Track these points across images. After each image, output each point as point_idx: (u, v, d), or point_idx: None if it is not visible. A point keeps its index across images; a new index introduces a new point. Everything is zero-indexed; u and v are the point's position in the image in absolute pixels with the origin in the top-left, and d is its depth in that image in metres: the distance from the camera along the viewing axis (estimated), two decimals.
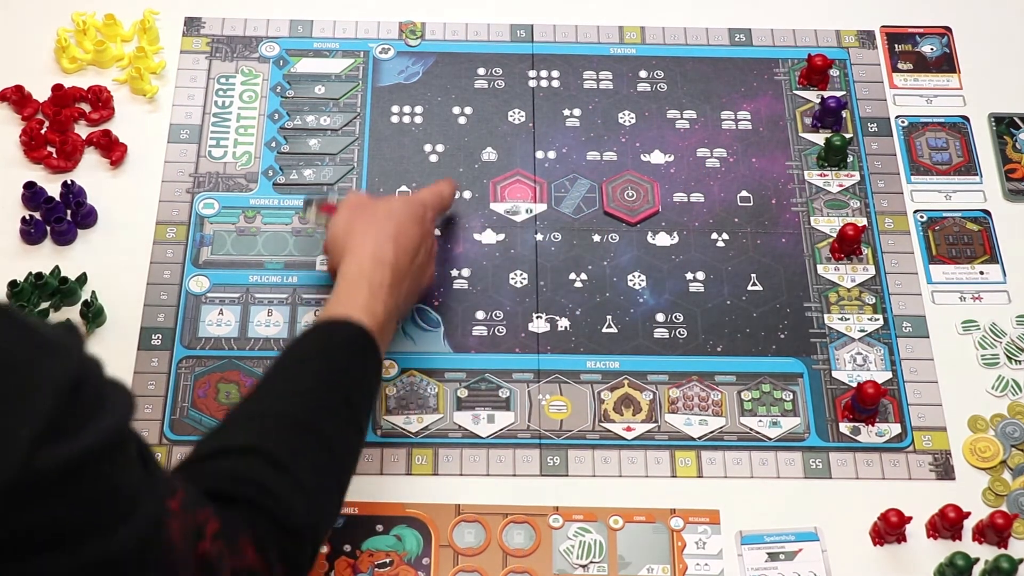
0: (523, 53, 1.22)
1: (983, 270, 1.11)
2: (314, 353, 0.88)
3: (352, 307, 0.90)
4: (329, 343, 0.89)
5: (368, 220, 0.97)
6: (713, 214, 1.13)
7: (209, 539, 0.69)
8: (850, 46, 1.24)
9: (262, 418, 0.82)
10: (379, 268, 0.93)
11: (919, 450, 1.02)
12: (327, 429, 0.83)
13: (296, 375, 0.86)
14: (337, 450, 0.84)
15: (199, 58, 1.20)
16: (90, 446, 0.57)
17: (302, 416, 0.83)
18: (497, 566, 0.96)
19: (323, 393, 0.85)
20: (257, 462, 0.78)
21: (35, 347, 0.57)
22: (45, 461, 0.54)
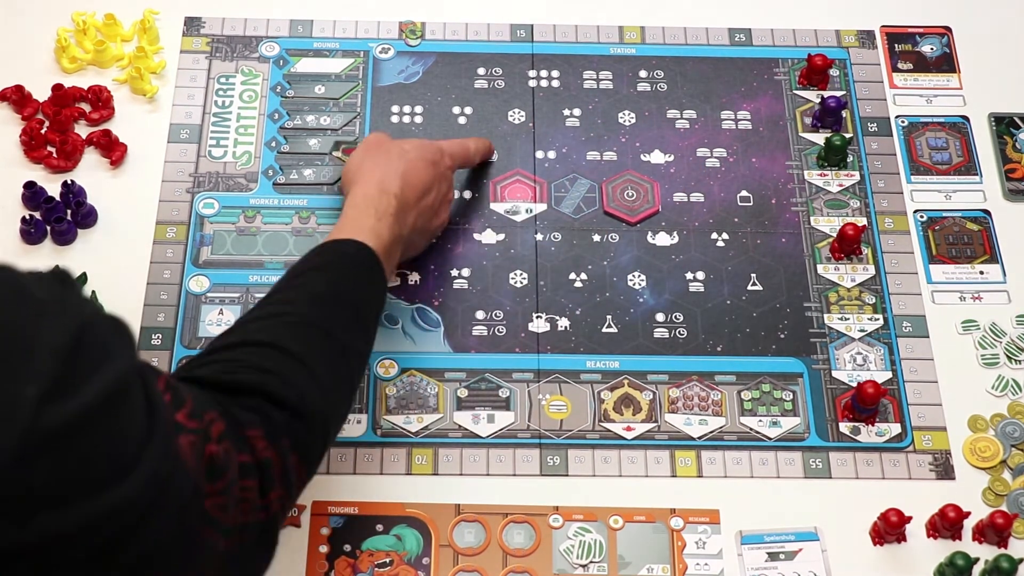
0: (523, 53, 1.22)
1: (983, 270, 1.11)
2: (322, 266, 0.91)
3: (358, 230, 0.94)
4: (337, 258, 0.92)
5: (380, 156, 1.01)
6: (713, 214, 1.13)
7: (215, 441, 0.69)
8: (850, 46, 1.24)
9: (274, 318, 0.85)
10: (384, 196, 0.97)
11: (919, 450, 1.02)
12: (337, 331, 0.86)
13: (306, 284, 0.89)
14: (347, 352, 0.86)
15: (199, 58, 1.20)
16: (93, 400, 0.57)
17: (313, 317, 0.85)
18: (497, 566, 0.96)
19: (332, 300, 0.88)
20: (270, 352, 0.80)
21: (32, 310, 0.57)
22: (51, 419, 0.55)
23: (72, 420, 0.56)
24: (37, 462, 0.55)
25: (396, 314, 1.07)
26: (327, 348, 0.84)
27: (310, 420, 0.79)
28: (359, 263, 0.92)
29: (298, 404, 0.78)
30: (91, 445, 0.58)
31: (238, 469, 0.71)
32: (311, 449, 0.80)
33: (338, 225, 0.96)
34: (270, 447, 0.74)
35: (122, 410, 0.60)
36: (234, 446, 0.71)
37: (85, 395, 0.57)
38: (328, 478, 0.99)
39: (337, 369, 0.84)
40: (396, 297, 1.08)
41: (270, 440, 0.74)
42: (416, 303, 1.07)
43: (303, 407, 0.78)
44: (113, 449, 0.59)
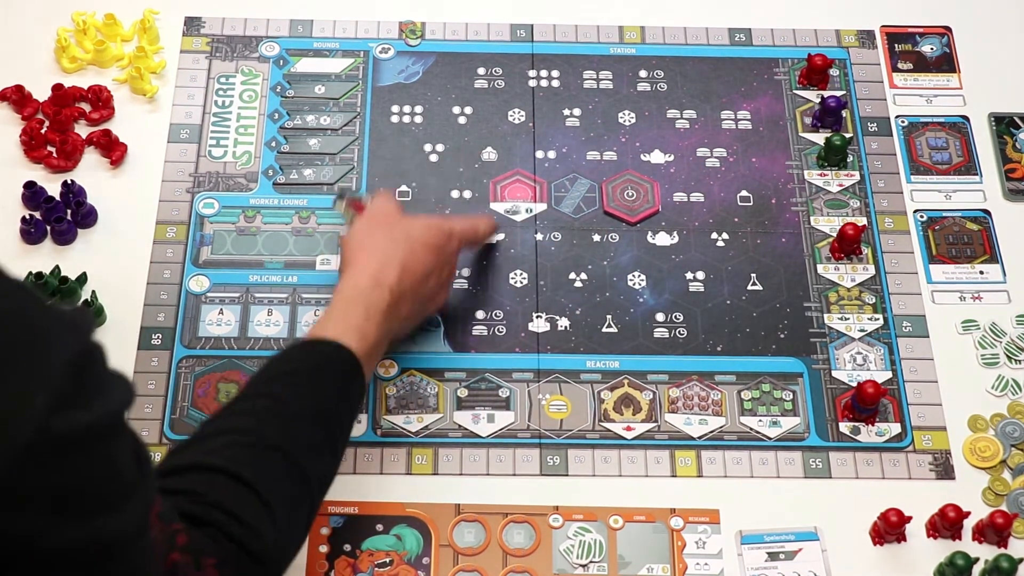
0: (523, 53, 1.22)
1: (983, 270, 1.11)
2: (298, 372, 0.87)
3: (343, 329, 0.90)
4: (314, 364, 0.88)
5: (382, 236, 0.96)
6: (713, 214, 1.13)
7: (178, 551, 0.69)
8: (850, 46, 1.24)
9: (239, 435, 0.81)
10: (377, 290, 0.93)
11: (919, 450, 1.02)
12: (302, 456, 0.82)
13: (278, 394, 0.85)
14: (310, 478, 0.83)
15: (199, 58, 1.20)
16: (98, 421, 0.58)
17: (278, 440, 0.82)
18: (497, 566, 0.96)
19: (302, 417, 0.84)
20: (229, 484, 0.77)
21: (52, 318, 0.58)
22: (59, 426, 0.56)
23: (80, 432, 0.57)
24: (44, 462, 0.55)
25: None
26: (288, 480, 0.81)
27: (263, 563, 0.77)
28: (337, 370, 0.88)
29: (252, 548, 0.75)
30: (92, 464, 0.58)
31: None
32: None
33: (324, 317, 0.92)
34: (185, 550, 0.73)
35: (119, 444, 0.61)
36: (193, 564, 0.71)
37: (93, 412, 0.58)
38: None
39: (297, 503, 0.81)
40: None
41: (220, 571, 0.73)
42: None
43: (256, 551, 0.76)
44: (109, 478, 0.60)
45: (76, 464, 0.57)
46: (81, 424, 0.57)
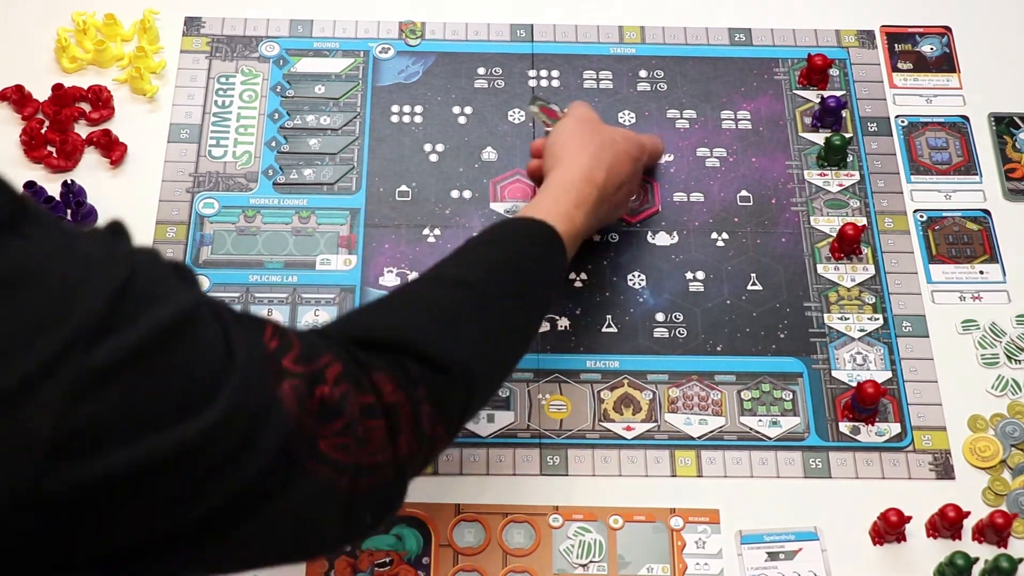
0: (523, 53, 1.22)
1: (983, 270, 1.11)
2: (502, 238, 0.90)
3: (553, 212, 0.93)
4: (519, 233, 0.91)
5: (590, 139, 1.00)
6: (713, 214, 1.14)
7: (330, 383, 0.68)
8: (850, 46, 1.24)
9: (435, 279, 0.84)
10: (587, 186, 0.96)
11: (919, 450, 1.02)
12: (498, 297, 0.84)
13: (477, 251, 0.88)
14: (505, 318, 0.84)
15: (199, 58, 1.20)
16: (145, 337, 0.58)
17: (474, 280, 0.84)
18: (497, 566, 0.96)
19: (500, 269, 0.87)
20: (416, 305, 0.80)
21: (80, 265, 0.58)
22: (100, 357, 0.56)
23: (122, 358, 0.57)
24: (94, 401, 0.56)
25: None
26: (483, 310, 0.83)
27: (451, 375, 0.76)
28: (541, 240, 0.91)
29: (436, 358, 0.76)
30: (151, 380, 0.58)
31: (359, 409, 0.70)
32: (450, 404, 0.78)
33: (534, 201, 0.95)
34: (399, 391, 0.73)
35: (184, 346, 0.60)
36: (354, 387, 0.70)
37: (133, 334, 0.57)
38: None
39: (492, 332, 0.83)
40: None
41: (400, 385, 0.73)
42: None
43: (442, 362, 0.76)
44: (180, 384, 0.60)
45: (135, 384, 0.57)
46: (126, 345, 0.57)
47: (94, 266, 0.59)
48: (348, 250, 1.10)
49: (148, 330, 0.58)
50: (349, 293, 1.08)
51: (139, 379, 0.58)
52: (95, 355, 0.56)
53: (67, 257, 0.58)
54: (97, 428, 0.56)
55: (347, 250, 1.10)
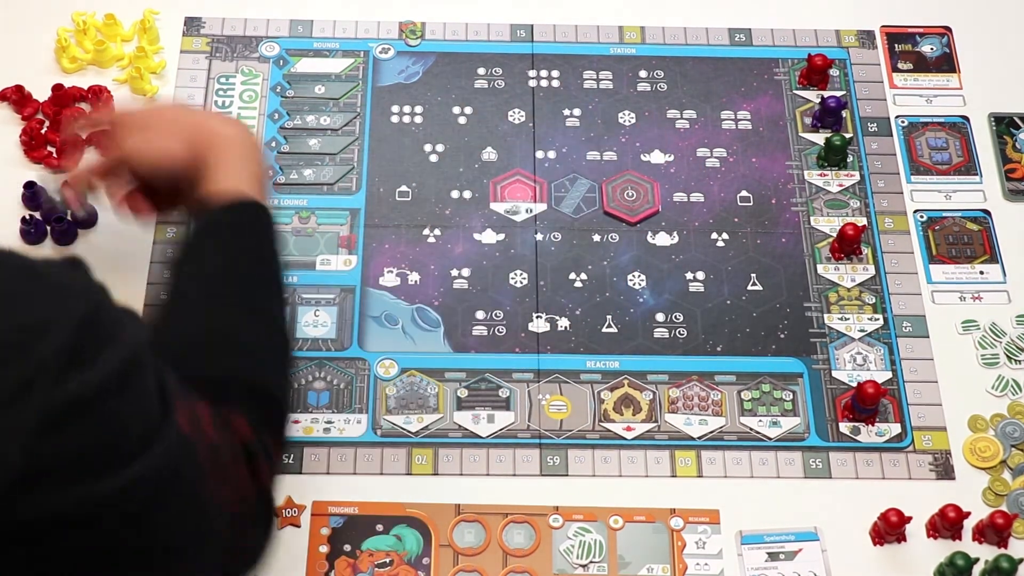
0: (523, 53, 1.22)
1: (983, 270, 1.11)
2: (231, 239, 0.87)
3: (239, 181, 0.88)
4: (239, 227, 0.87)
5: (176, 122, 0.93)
6: (713, 214, 1.13)
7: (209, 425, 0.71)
8: (850, 46, 1.24)
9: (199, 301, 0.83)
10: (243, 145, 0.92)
11: (919, 450, 1.02)
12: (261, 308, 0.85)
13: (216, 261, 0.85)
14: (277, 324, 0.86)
15: (199, 58, 1.20)
16: (110, 372, 0.59)
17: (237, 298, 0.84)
18: (497, 566, 0.96)
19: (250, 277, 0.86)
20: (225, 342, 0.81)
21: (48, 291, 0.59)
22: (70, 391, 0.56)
23: (90, 391, 0.57)
24: (60, 434, 0.56)
25: (396, 314, 1.07)
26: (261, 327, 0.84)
27: (279, 403, 0.81)
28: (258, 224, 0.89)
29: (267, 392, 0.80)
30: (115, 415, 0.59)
31: (231, 454, 0.73)
32: (283, 427, 0.82)
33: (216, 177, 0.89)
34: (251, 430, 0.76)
35: (137, 384, 0.62)
36: (222, 429, 0.73)
37: (101, 368, 0.58)
38: (328, 478, 0.99)
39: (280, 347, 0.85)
40: (396, 297, 1.08)
41: (251, 426, 0.76)
42: (416, 303, 1.07)
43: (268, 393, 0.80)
44: (133, 422, 0.61)
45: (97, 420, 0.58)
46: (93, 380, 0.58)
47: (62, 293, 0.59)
48: (348, 250, 1.10)
49: (115, 364, 0.59)
50: (349, 293, 1.08)
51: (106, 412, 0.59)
52: (67, 385, 0.56)
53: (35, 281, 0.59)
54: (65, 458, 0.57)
55: (347, 250, 1.10)
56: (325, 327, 1.06)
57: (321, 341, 1.05)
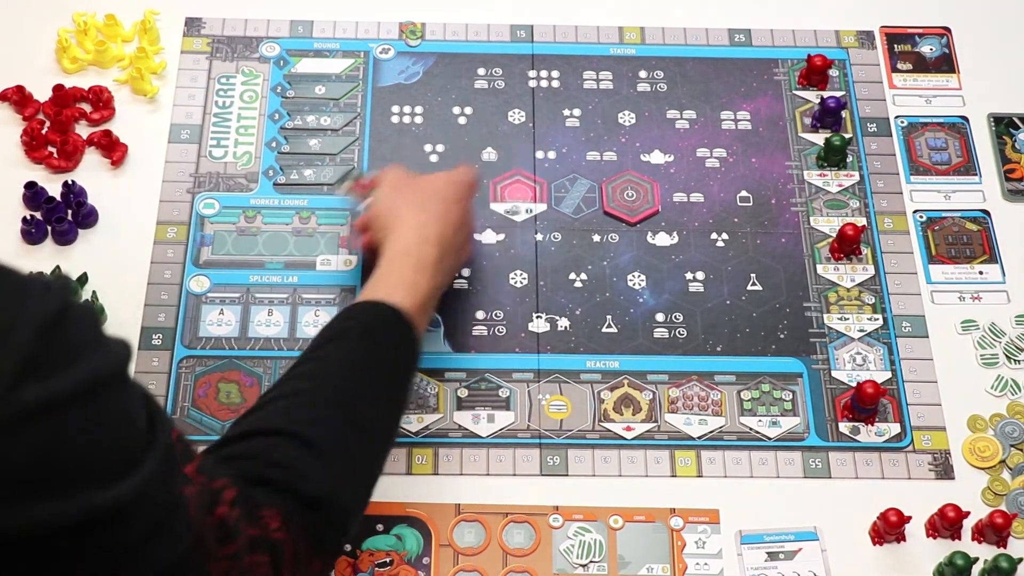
0: (523, 53, 1.22)
1: (982, 270, 1.11)
2: (348, 333, 0.88)
3: (393, 287, 0.91)
4: (365, 326, 0.88)
5: (413, 197, 0.98)
6: (713, 214, 1.14)
7: (227, 504, 0.68)
8: (850, 46, 1.24)
9: (294, 397, 0.81)
10: (425, 246, 0.94)
11: (918, 450, 1.02)
12: (359, 408, 0.83)
13: (330, 356, 0.86)
14: (368, 429, 0.83)
15: (199, 58, 1.20)
16: (77, 384, 0.55)
17: (333, 395, 0.82)
18: (497, 566, 0.96)
19: (356, 374, 0.85)
20: (283, 442, 0.77)
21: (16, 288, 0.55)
22: (29, 396, 0.53)
23: (53, 401, 0.54)
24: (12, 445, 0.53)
25: None
26: (347, 432, 0.81)
27: (320, 508, 0.76)
28: (388, 328, 0.88)
29: (307, 493, 0.75)
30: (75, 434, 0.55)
31: (247, 540, 0.69)
32: (326, 539, 0.77)
33: (373, 280, 0.92)
34: (283, 529, 0.72)
35: (112, 410, 0.58)
36: (245, 516, 0.69)
37: (65, 378, 0.55)
38: None
39: (358, 454, 0.81)
40: None
41: (283, 523, 0.72)
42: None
43: (312, 496, 0.75)
44: (101, 445, 0.57)
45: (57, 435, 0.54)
46: (57, 390, 0.54)
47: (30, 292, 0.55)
48: (348, 250, 1.10)
49: (81, 378, 0.55)
50: (349, 293, 1.08)
51: (63, 429, 0.54)
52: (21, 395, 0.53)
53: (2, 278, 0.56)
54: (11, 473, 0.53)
55: (347, 250, 1.10)
56: None
57: None
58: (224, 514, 0.67)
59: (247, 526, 0.69)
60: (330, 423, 0.80)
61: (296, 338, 1.05)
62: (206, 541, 0.65)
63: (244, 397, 1.03)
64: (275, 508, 0.72)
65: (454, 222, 0.97)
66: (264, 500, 0.72)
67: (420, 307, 0.91)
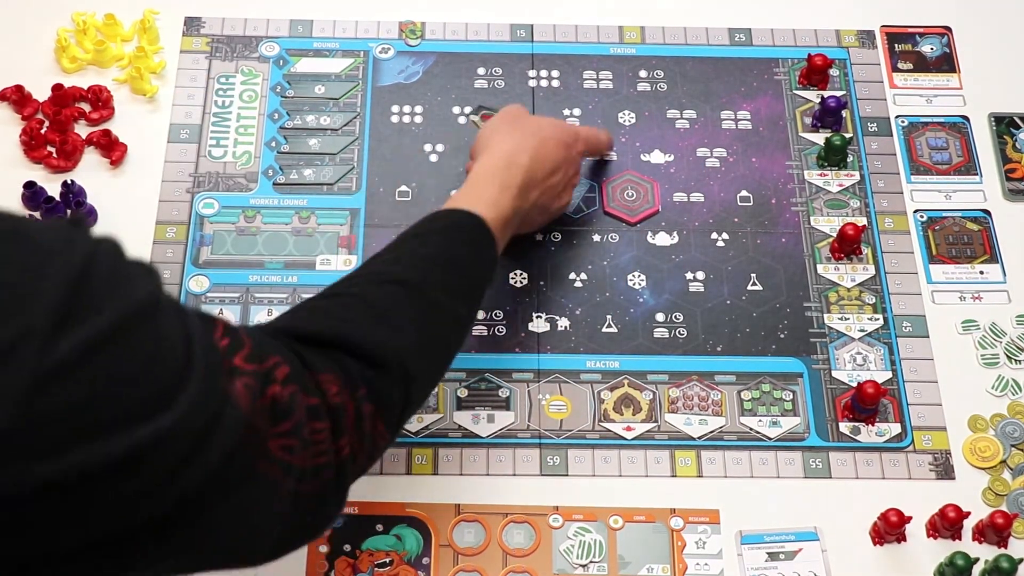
0: (523, 53, 1.22)
1: (983, 270, 1.11)
2: (430, 231, 0.90)
3: (479, 200, 0.93)
4: (446, 226, 0.91)
5: (515, 128, 1.01)
6: (713, 214, 1.14)
7: (279, 383, 0.68)
8: (850, 46, 1.24)
9: (370, 275, 0.85)
10: (512, 169, 0.97)
11: (919, 450, 1.02)
12: (432, 291, 0.85)
13: (409, 246, 0.88)
14: (441, 311, 0.85)
15: (199, 58, 1.20)
16: (108, 326, 0.56)
17: (409, 276, 0.84)
18: (497, 566, 0.96)
19: (433, 263, 0.87)
20: (356, 304, 0.80)
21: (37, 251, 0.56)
22: (63, 349, 0.54)
23: (86, 349, 0.55)
24: (55, 396, 0.53)
25: None
26: (418, 306, 0.83)
27: (388, 371, 0.77)
28: (470, 232, 0.91)
29: (375, 354, 0.76)
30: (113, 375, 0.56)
31: (305, 411, 0.70)
32: (389, 401, 0.78)
33: (459, 192, 0.96)
34: (343, 392, 0.73)
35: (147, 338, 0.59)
36: (301, 389, 0.70)
37: (96, 323, 0.56)
38: None
39: (427, 327, 0.83)
40: None
41: (344, 386, 0.73)
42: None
43: (380, 357, 0.77)
44: (141, 380, 0.58)
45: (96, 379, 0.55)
46: (88, 337, 0.55)
47: (53, 253, 0.56)
48: (348, 250, 1.10)
49: (112, 320, 0.56)
50: None
51: (101, 372, 0.55)
52: (57, 346, 0.54)
53: (21, 243, 0.56)
54: (56, 423, 0.54)
55: (347, 250, 1.10)
56: None
57: None
58: (276, 393, 0.67)
59: (304, 397, 0.70)
60: (400, 295, 0.82)
61: None
62: (258, 425, 0.65)
63: None
64: (334, 372, 0.73)
65: (548, 158, 1.00)
66: (322, 364, 0.73)
67: (501, 223, 0.94)
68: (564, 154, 1.02)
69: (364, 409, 0.75)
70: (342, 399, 0.73)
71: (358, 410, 0.74)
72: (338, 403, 0.73)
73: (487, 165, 0.97)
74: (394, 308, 0.81)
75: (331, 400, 0.72)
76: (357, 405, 0.74)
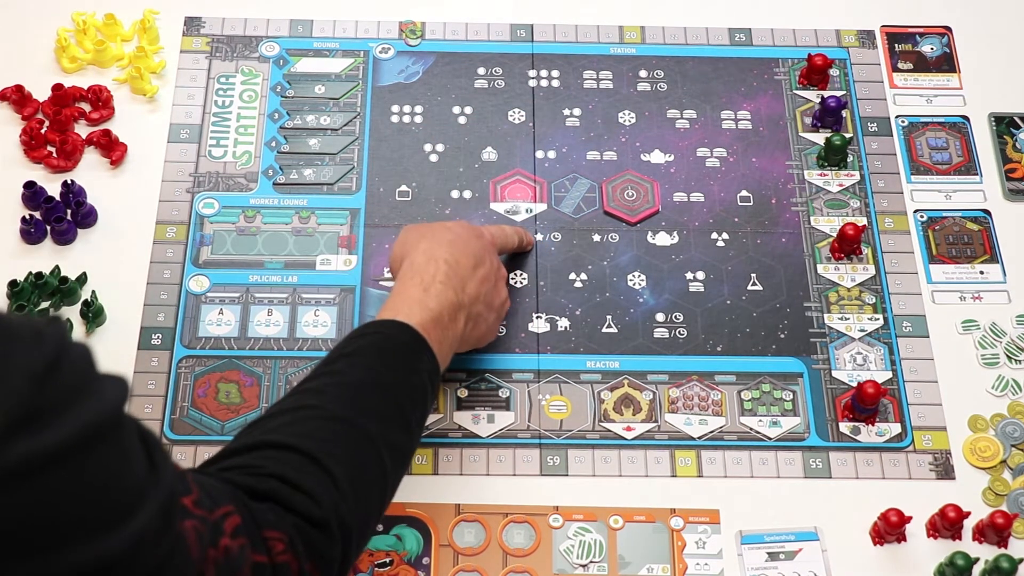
0: (523, 53, 1.22)
1: (983, 270, 1.11)
2: (358, 351, 0.87)
3: (403, 303, 0.90)
4: (374, 342, 0.87)
5: (423, 233, 0.97)
6: (713, 214, 1.13)
7: (228, 535, 0.67)
8: (850, 46, 1.24)
9: (300, 411, 0.80)
10: (431, 264, 0.93)
11: (919, 450, 1.02)
12: (369, 424, 0.81)
13: (338, 372, 0.84)
14: (378, 447, 0.81)
15: (199, 58, 1.20)
16: (70, 436, 0.53)
17: (341, 411, 0.81)
18: (497, 566, 0.96)
19: (365, 390, 0.83)
20: (289, 456, 0.76)
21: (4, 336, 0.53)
22: (21, 451, 0.51)
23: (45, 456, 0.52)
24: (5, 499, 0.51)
25: None
26: (354, 447, 0.80)
27: (327, 530, 0.74)
28: (398, 345, 0.88)
29: (311, 513, 0.74)
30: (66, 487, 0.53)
31: (251, 568, 0.68)
32: (329, 555, 0.75)
33: (386, 301, 0.92)
34: (288, 551, 0.71)
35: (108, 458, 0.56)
36: (250, 543, 0.68)
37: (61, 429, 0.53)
38: None
39: (365, 470, 0.80)
40: None
41: (289, 545, 0.71)
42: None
43: (316, 516, 0.74)
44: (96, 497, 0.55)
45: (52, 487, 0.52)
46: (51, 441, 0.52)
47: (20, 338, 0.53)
48: (348, 250, 1.10)
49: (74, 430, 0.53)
50: (349, 293, 1.08)
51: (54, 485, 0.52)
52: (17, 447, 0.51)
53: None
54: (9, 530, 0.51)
55: (347, 250, 1.10)
56: (325, 327, 1.06)
57: (321, 341, 1.05)
58: (227, 545, 0.66)
59: (252, 553, 0.68)
60: (334, 438, 0.79)
61: (296, 338, 1.05)
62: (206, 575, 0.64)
63: (244, 397, 1.03)
64: (280, 529, 0.71)
65: (466, 250, 0.96)
66: (268, 521, 0.71)
67: (431, 322, 0.90)
68: (479, 243, 0.98)
69: (306, 567, 0.73)
70: (286, 558, 0.71)
71: (300, 569, 0.72)
72: (283, 562, 0.71)
73: (406, 269, 0.94)
74: (329, 455, 0.77)
75: (277, 559, 0.70)
76: (300, 565, 0.72)
